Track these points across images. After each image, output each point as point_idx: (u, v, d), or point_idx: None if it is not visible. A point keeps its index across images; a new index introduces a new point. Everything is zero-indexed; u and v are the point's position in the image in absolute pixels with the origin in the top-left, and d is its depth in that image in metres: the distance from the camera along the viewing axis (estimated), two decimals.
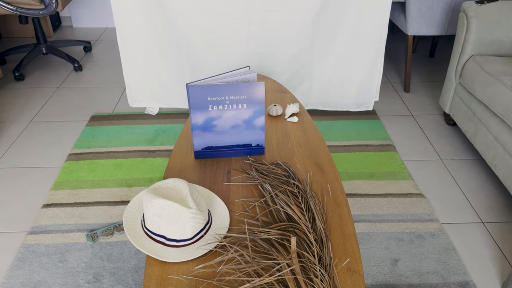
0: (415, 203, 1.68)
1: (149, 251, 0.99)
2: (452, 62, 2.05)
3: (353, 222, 1.10)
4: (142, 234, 1.04)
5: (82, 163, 1.89)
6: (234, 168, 1.28)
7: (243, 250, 0.93)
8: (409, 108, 2.36)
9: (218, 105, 1.23)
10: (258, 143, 1.32)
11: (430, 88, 2.56)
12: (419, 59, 2.93)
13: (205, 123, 1.26)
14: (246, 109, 1.25)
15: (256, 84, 1.21)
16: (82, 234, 1.53)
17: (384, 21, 1.96)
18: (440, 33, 2.38)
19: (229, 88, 1.21)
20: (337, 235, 1.05)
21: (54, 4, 2.43)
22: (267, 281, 0.85)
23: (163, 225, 1.01)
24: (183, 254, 0.99)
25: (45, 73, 2.73)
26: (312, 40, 2.00)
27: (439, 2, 2.26)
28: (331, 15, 1.94)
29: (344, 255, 1.00)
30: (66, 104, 2.39)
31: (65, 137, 2.10)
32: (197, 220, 1.00)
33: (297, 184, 1.15)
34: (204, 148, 1.31)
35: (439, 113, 2.31)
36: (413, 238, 1.52)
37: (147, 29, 1.99)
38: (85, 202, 1.67)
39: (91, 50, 3.05)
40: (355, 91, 2.15)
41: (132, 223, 1.07)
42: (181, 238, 1.01)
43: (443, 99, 2.15)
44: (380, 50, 2.03)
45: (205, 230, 1.04)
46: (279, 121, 1.51)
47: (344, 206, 1.14)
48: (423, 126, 2.20)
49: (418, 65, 2.85)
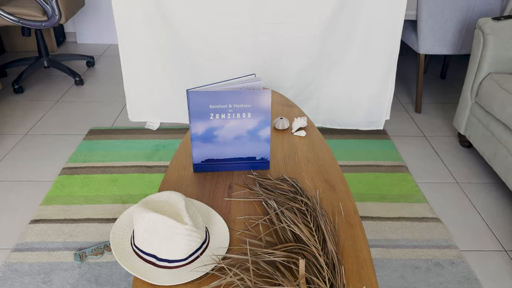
0: (431, 228, 1.55)
1: (137, 271, 0.88)
2: (468, 81, 1.95)
3: (368, 245, 0.98)
4: (130, 253, 0.93)
5: (76, 178, 1.78)
6: (236, 183, 1.17)
7: (244, 274, 0.81)
8: (421, 129, 2.25)
9: (221, 113, 1.13)
10: (263, 156, 1.21)
11: (443, 109, 2.46)
12: (430, 80, 2.84)
13: (206, 133, 1.16)
14: (250, 118, 1.15)
15: (262, 92, 1.12)
16: (70, 253, 1.41)
17: (396, 36, 1.88)
18: (453, 52, 2.30)
19: (232, 96, 1.11)
20: (350, 260, 0.93)
21: (57, 16, 2.38)
22: None
23: (155, 243, 0.89)
24: (175, 277, 0.87)
25: (45, 86, 2.66)
26: (321, 54, 1.92)
27: (452, 21, 2.19)
28: (341, 29, 1.87)
29: (359, 283, 0.88)
30: (64, 117, 2.30)
31: (61, 150, 2.00)
32: (193, 238, 0.89)
33: (305, 201, 1.04)
34: (204, 160, 1.20)
35: (453, 135, 2.20)
36: (431, 266, 1.39)
37: (149, 39, 1.92)
38: (76, 219, 1.56)
39: (94, 65, 2.99)
40: (365, 109, 2.05)
41: (121, 239, 0.96)
42: (174, 258, 0.89)
43: (457, 119, 2.04)
44: (392, 65, 1.94)
45: (202, 250, 0.92)
46: (285, 135, 1.41)
47: (358, 227, 1.03)
48: (436, 147, 2.09)
49: (429, 86, 2.76)
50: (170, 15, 1.84)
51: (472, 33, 2.22)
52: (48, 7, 2.34)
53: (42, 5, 2.34)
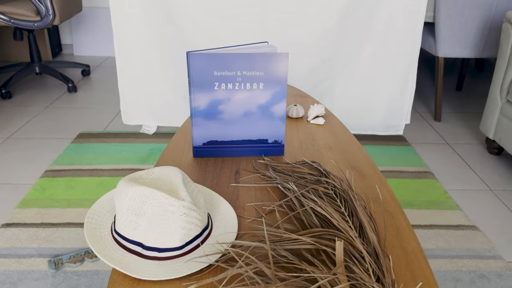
0: (469, 237, 1.33)
1: (116, 262, 0.66)
2: (496, 79, 1.78)
3: (416, 236, 0.76)
4: (109, 241, 0.71)
5: (59, 180, 1.57)
6: (245, 168, 0.97)
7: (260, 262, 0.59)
8: (443, 136, 2.06)
9: (227, 83, 0.94)
10: (277, 138, 1.02)
11: (464, 118, 2.28)
12: (447, 92, 2.67)
13: (209, 108, 0.96)
14: (262, 90, 0.96)
15: (277, 56, 0.93)
16: (44, 260, 1.18)
17: (417, 29, 1.72)
18: (475, 55, 2.14)
19: (242, 60, 0.93)
20: (395, 252, 0.72)
21: (50, 16, 2.24)
22: None
23: (141, 227, 0.68)
24: (166, 270, 0.66)
25: (35, 92, 2.48)
26: (335, 50, 1.75)
27: (474, 20, 2.04)
28: (357, 21, 1.71)
29: (412, 279, 0.66)
30: (53, 122, 2.11)
31: (46, 154, 1.80)
32: (191, 219, 0.68)
33: (332, 183, 0.83)
34: (206, 143, 1.00)
35: (479, 142, 2.00)
36: (475, 279, 1.16)
37: (147, 33, 1.76)
38: (55, 223, 1.34)
39: (90, 75, 2.83)
40: (382, 111, 1.87)
41: (97, 226, 0.74)
42: (165, 247, 0.67)
43: (485, 123, 1.85)
44: (413, 62, 1.77)
45: (203, 238, 0.71)
46: (300, 124, 1.22)
47: (401, 216, 0.81)
48: (462, 155, 1.88)
49: (445, 97, 2.58)
50: (171, 9, 1.69)
51: (495, 34, 2.07)
52: (42, 6, 2.20)
53: (35, 4, 2.20)
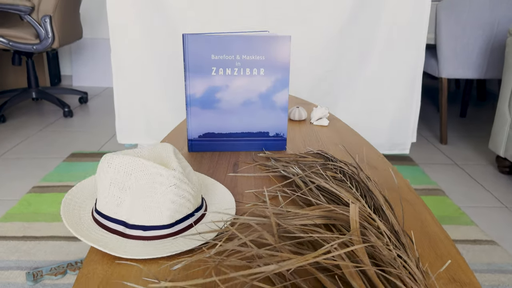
0: (488, 251, 1.22)
1: (94, 241, 0.57)
2: (503, 95, 1.72)
3: (439, 223, 0.67)
4: (89, 223, 0.62)
5: (45, 196, 1.48)
6: (244, 161, 0.89)
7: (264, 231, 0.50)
8: (451, 158, 1.98)
9: (225, 68, 0.88)
10: (278, 131, 0.94)
11: (470, 142, 2.21)
12: (451, 119, 2.62)
13: (206, 95, 0.90)
14: (263, 76, 0.89)
15: (279, 39, 0.87)
16: (22, 273, 1.07)
17: (420, 43, 1.69)
18: (478, 76, 2.10)
19: (241, 43, 0.87)
20: (417, 235, 0.63)
21: (49, 39, 2.22)
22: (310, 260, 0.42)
23: (125, 203, 0.60)
24: (151, 249, 0.56)
25: (31, 117, 2.43)
26: (337, 63, 1.71)
27: (476, 41, 2.02)
28: (358, 35, 1.68)
29: (438, 260, 0.56)
30: (45, 144, 2.04)
31: (35, 172, 1.71)
32: (182, 192, 0.59)
33: (340, 167, 0.74)
34: (203, 135, 0.93)
35: (489, 163, 1.92)
36: None
37: (145, 43, 1.72)
38: (38, 236, 1.23)
39: (87, 102, 2.79)
40: (387, 128, 1.80)
41: (76, 207, 0.66)
42: (152, 224, 0.58)
43: (494, 140, 1.78)
44: (417, 78, 1.73)
45: (196, 218, 0.62)
46: (303, 125, 1.15)
47: (420, 204, 0.73)
48: (472, 174, 1.80)
49: (450, 123, 2.53)
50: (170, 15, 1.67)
51: (498, 54, 2.04)
52: (42, 29, 2.19)
53: (34, 26, 2.19)
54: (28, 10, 2.15)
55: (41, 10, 2.18)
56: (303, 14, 1.63)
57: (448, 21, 2.00)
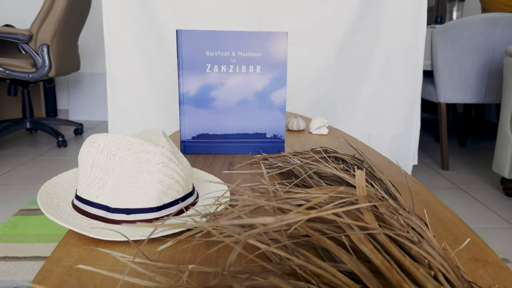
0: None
1: (72, 225, 0.50)
2: (504, 114, 1.70)
3: (452, 211, 0.61)
4: (67, 210, 0.56)
5: (32, 219, 1.41)
6: (240, 161, 0.84)
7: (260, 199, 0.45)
8: (454, 182, 1.92)
9: (220, 64, 0.85)
10: (276, 133, 0.90)
11: (472, 167, 2.16)
12: (451, 148, 2.58)
13: (200, 93, 0.86)
14: (260, 74, 0.86)
15: (275, 35, 0.85)
16: None
17: (417, 64, 1.68)
18: (477, 100, 2.09)
19: (237, 39, 0.84)
20: (430, 220, 0.57)
21: (46, 68, 2.22)
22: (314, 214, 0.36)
23: (108, 185, 0.54)
24: (134, 232, 0.50)
25: (23, 147, 2.38)
26: (335, 82, 1.69)
27: (473, 65, 2.02)
28: (356, 55, 1.67)
29: (455, 243, 0.50)
30: (37, 170, 1.98)
31: (23, 196, 1.65)
32: (171, 172, 0.54)
33: (343, 158, 0.69)
34: (196, 136, 0.88)
35: (493, 186, 1.87)
36: None
37: (141, 69, 1.71)
38: (20, 257, 1.16)
39: (82, 133, 2.75)
40: (387, 150, 1.76)
41: (55, 196, 0.60)
42: (137, 207, 0.53)
43: (498, 162, 1.73)
44: (416, 99, 1.71)
45: (186, 205, 0.56)
46: (301, 134, 1.10)
47: (428, 194, 0.67)
48: (477, 197, 1.74)
49: (451, 151, 2.49)
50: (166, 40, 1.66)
51: (496, 79, 2.04)
52: (39, 57, 2.19)
53: (32, 55, 2.19)
54: (26, 39, 2.16)
55: (39, 39, 2.19)
56: (301, 36, 1.63)
57: (444, 46, 2.01)
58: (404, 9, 1.64)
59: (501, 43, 1.98)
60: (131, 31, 1.66)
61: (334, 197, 0.51)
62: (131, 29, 1.66)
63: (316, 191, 0.53)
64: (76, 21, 2.39)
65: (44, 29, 2.18)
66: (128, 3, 1.64)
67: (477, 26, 1.97)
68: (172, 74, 1.70)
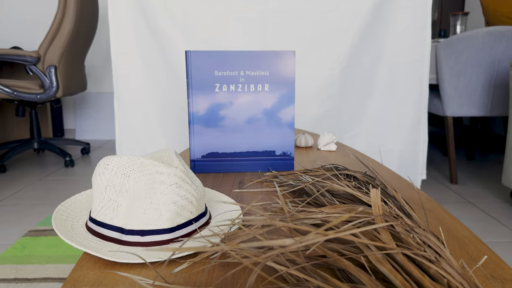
0: None
1: (87, 247, 0.51)
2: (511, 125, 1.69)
3: (465, 226, 0.61)
4: (81, 232, 0.56)
5: (41, 239, 1.41)
6: (250, 179, 0.84)
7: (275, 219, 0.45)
8: (463, 196, 1.91)
9: (229, 84, 0.86)
10: (285, 150, 0.90)
11: (481, 181, 2.14)
12: (458, 162, 2.57)
13: (210, 113, 0.87)
14: (268, 92, 0.87)
15: (283, 54, 0.86)
16: None
17: (423, 79, 1.68)
18: (484, 113, 2.08)
19: (245, 58, 0.85)
20: (445, 238, 0.56)
21: (54, 88, 2.25)
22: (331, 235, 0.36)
23: (122, 207, 0.54)
24: (150, 254, 0.50)
25: (31, 167, 2.40)
26: (340, 99, 1.70)
27: (478, 78, 2.02)
28: (361, 71, 1.68)
29: (471, 261, 0.50)
30: (45, 191, 1.99)
31: (32, 217, 1.65)
32: (184, 192, 0.54)
33: (354, 176, 0.69)
34: (206, 155, 0.89)
35: (504, 200, 1.85)
36: None
37: (148, 88, 1.72)
38: (30, 278, 1.15)
39: (89, 153, 2.77)
40: (395, 165, 1.75)
41: (69, 217, 0.60)
42: (151, 228, 0.53)
43: (507, 174, 1.72)
44: (423, 113, 1.71)
45: (199, 225, 0.56)
46: (310, 151, 1.10)
47: (442, 211, 0.67)
48: (488, 211, 1.72)
49: (459, 165, 2.47)
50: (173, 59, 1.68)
51: (501, 91, 2.04)
52: (46, 78, 2.22)
53: (39, 76, 2.22)
54: (34, 61, 2.19)
55: (47, 60, 2.22)
56: (304, 54, 1.64)
57: (449, 60, 2.02)
58: (408, 25, 1.65)
59: (506, 56, 1.98)
60: (138, 51, 1.68)
61: (353, 216, 0.51)
62: (138, 49, 1.68)
63: (330, 210, 0.53)
64: (83, 41, 2.42)
65: (51, 50, 2.21)
66: (136, 23, 1.66)
67: (481, 40, 1.98)
68: (179, 94, 1.71)
